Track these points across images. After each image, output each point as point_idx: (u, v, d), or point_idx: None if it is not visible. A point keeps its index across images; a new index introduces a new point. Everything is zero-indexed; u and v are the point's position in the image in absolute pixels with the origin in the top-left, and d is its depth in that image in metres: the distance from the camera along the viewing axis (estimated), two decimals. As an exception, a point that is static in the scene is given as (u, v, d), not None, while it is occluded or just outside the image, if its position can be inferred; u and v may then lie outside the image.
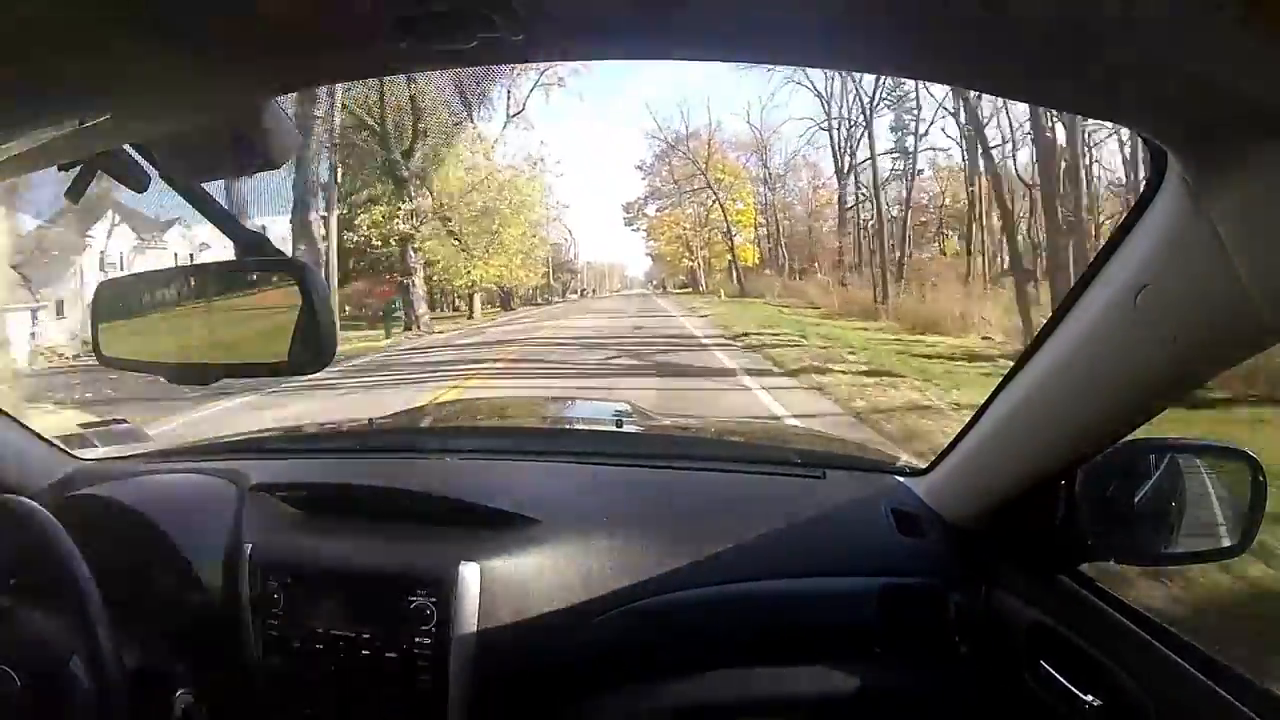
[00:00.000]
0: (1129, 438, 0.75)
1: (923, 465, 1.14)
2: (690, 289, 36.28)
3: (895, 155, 25.25)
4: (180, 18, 0.38)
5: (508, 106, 22.90)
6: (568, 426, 1.80)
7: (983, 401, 0.92)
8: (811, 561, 1.04)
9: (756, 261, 32.29)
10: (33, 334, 14.55)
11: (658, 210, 35.46)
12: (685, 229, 34.03)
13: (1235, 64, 0.38)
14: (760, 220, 32.23)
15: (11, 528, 1.02)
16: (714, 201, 32.17)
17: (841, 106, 25.57)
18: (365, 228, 18.87)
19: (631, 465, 1.27)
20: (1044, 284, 13.58)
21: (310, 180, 15.28)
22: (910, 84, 21.16)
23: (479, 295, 23.64)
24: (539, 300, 34.16)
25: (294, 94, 0.62)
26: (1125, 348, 0.64)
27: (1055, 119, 12.37)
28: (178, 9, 0.38)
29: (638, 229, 37.67)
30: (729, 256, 32.91)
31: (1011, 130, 19.20)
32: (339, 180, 17.43)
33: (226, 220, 0.70)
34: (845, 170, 27.00)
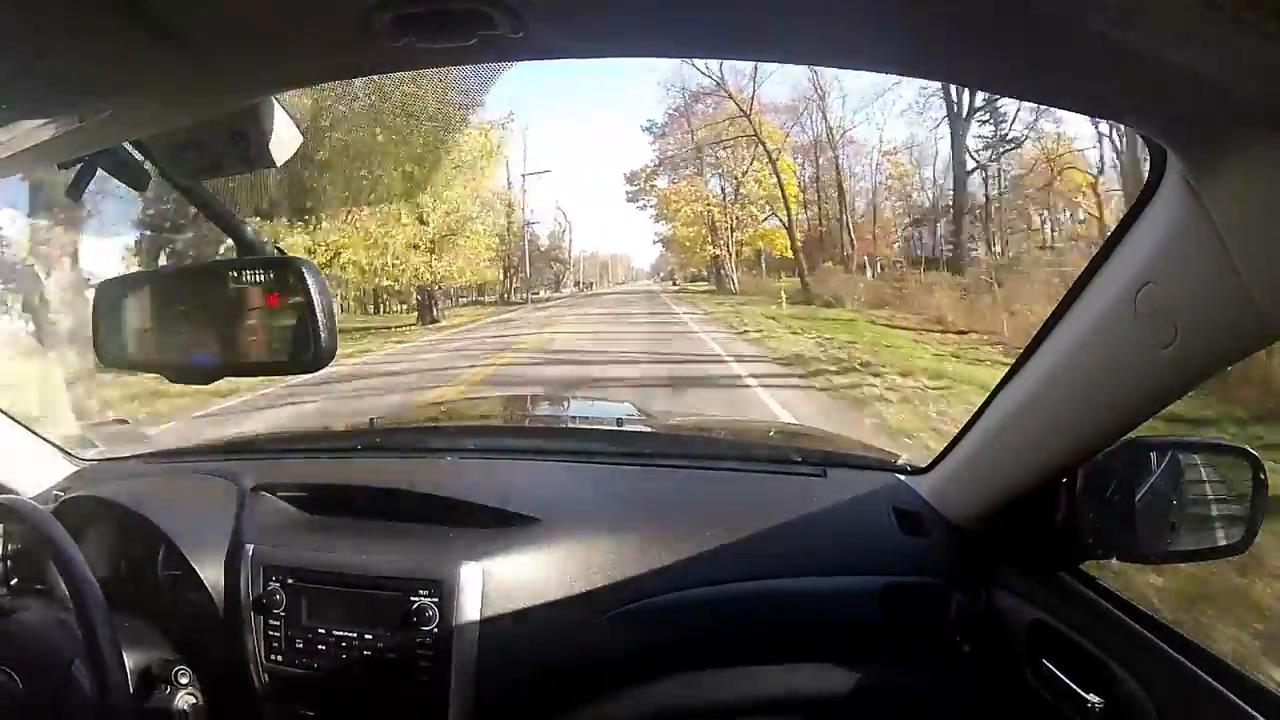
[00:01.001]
0: (1130, 436, 0.75)
1: (923, 464, 1.14)
2: (712, 285, 26.91)
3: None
4: (180, 17, 0.38)
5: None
6: (568, 426, 1.80)
7: (984, 399, 0.92)
8: (813, 560, 1.04)
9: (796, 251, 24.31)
10: None
11: (671, 182, 25.63)
12: (710, 204, 24.62)
13: (1235, 63, 0.38)
14: (809, 197, 22.89)
15: (11, 528, 1.03)
16: (751, 164, 22.56)
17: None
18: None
19: (632, 464, 1.27)
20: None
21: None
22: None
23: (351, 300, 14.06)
24: (508, 298, 25.19)
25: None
26: (1125, 346, 0.64)
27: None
28: (178, 9, 0.38)
29: (644, 206, 27.23)
30: (762, 244, 24.05)
31: None
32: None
33: (227, 219, 0.70)
34: (966, 111, 17.68)
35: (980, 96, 17.07)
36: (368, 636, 0.98)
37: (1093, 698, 0.77)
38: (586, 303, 24.34)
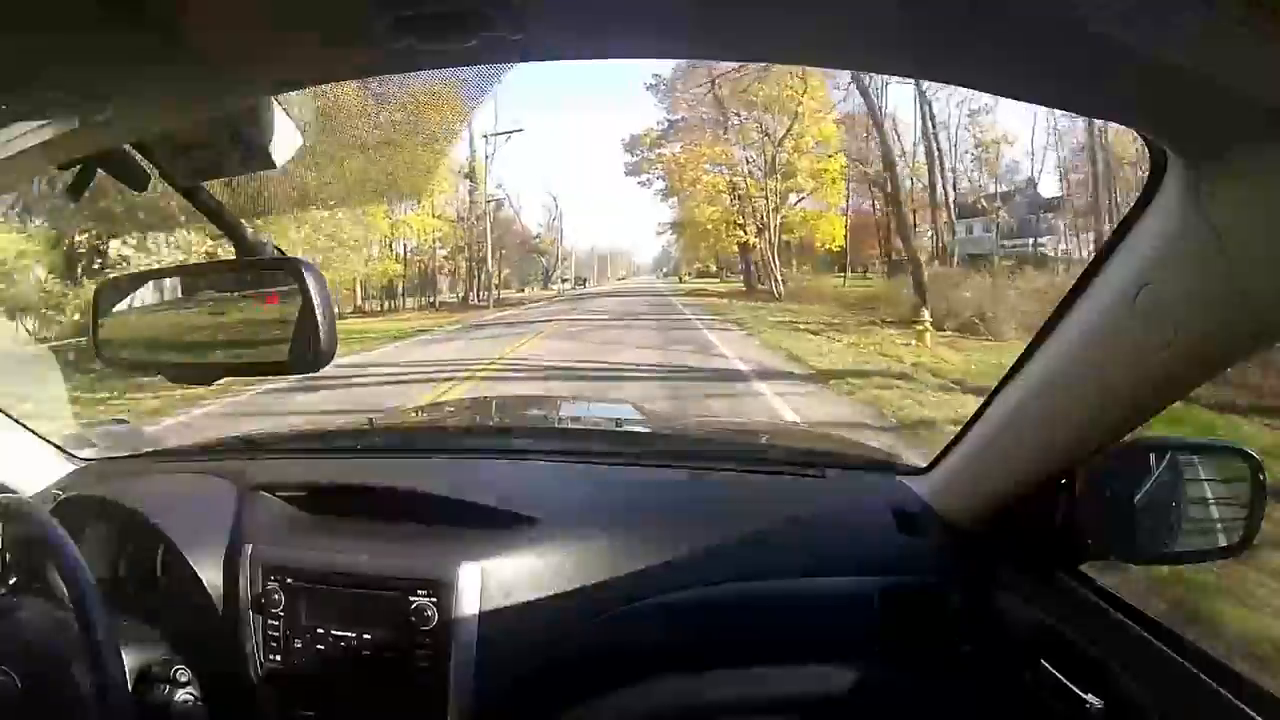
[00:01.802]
0: (1129, 437, 0.75)
1: (923, 465, 1.14)
2: (736, 283, 19.57)
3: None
4: (180, 17, 0.38)
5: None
6: (568, 426, 1.80)
7: (983, 400, 0.92)
8: (812, 561, 1.04)
9: (839, 245, 17.99)
10: None
11: (684, 148, 19.02)
12: (742, 176, 17.72)
13: (1235, 64, 0.38)
14: (872, 173, 17.00)
15: (11, 527, 1.02)
16: (795, 120, 16.38)
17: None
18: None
19: (632, 465, 1.27)
20: None
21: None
22: None
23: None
24: (469, 299, 18.94)
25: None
26: (1125, 347, 0.64)
27: None
28: (177, 9, 0.38)
29: (648, 180, 20.25)
30: (803, 231, 17.24)
31: None
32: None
33: (227, 220, 0.70)
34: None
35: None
36: (366, 636, 0.98)
37: (1092, 699, 0.77)
38: (566, 312, 17.34)
